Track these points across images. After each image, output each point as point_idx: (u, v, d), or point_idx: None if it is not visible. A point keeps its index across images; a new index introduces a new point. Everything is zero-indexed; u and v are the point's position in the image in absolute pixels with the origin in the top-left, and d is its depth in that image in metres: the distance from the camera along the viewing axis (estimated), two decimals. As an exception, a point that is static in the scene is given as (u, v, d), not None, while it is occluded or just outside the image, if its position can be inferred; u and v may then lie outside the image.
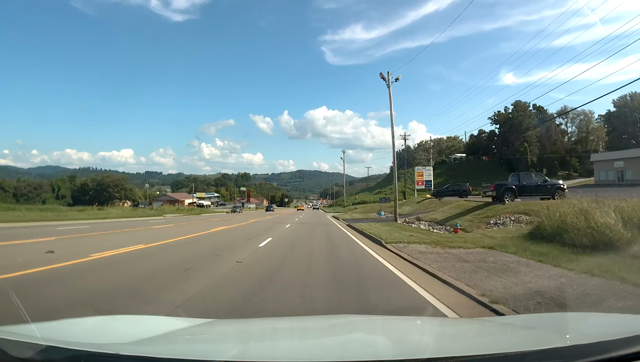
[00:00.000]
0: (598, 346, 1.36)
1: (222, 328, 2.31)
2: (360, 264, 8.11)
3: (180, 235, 14.52)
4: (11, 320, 2.19)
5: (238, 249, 10.23)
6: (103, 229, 17.49)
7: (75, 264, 7.18)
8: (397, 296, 5.24)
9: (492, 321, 2.89)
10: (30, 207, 38.66)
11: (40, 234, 13.33)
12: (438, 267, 6.91)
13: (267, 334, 2.19)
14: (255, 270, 7.08)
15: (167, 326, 2.11)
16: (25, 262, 6.98)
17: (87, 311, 3.90)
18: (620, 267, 5.83)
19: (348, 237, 14.93)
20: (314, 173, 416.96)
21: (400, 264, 7.80)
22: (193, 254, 9.21)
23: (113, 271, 6.75)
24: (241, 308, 4.41)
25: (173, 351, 1.63)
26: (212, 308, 4.43)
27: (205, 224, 23.75)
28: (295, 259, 8.63)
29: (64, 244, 11.01)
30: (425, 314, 4.07)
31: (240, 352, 1.64)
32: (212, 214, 55.07)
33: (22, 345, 1.33)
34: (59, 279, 5.91)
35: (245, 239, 13.16)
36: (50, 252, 8.66)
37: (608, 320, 2.18)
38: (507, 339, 1.88)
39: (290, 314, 4.06)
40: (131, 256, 8.72)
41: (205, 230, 17.71)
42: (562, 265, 6.45)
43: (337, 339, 2.08)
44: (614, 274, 5.47)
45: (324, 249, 10.85)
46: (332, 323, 2.55)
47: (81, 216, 30.24)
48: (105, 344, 1.53)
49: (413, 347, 1.85)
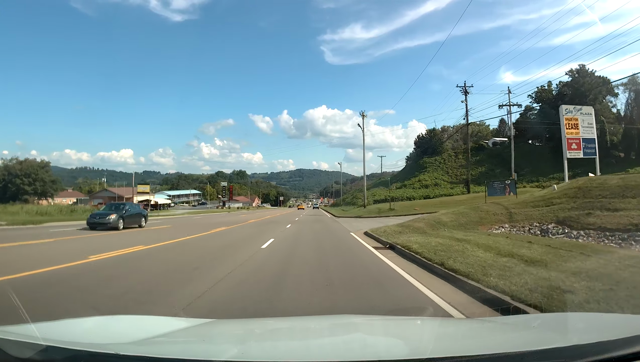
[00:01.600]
0: (598, 346, 1.36)
1: (222, 328, 2.30)
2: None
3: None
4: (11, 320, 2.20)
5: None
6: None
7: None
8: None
9: (492, 321, 2.89)
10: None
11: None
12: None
13: (267, 334, 2.19)
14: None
15: (167, 326, 2.11)
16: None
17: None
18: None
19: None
20: (314, 172, 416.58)
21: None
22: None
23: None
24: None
25: (173, 351, 1.63)
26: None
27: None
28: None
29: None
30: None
31: (240, 352, 1.64)
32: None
33: (22, 345, 1.33)
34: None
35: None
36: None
37: (608, 320, 2.18)
38: (507, 339, 1.88)
39: None
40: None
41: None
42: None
43: (337, 339, 2.08)
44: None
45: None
46: (332, 323, 2.55)
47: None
48: (105, 344, 1.53)
49: (413, 347, 1.85)
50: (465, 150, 51.18)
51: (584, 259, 6.33)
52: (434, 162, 58.50)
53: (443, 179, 53.40)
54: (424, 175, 56.92)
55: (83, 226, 18.62)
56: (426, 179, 55.79)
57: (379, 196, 52.35)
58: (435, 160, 58.53)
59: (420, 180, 55.72)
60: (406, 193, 52.51)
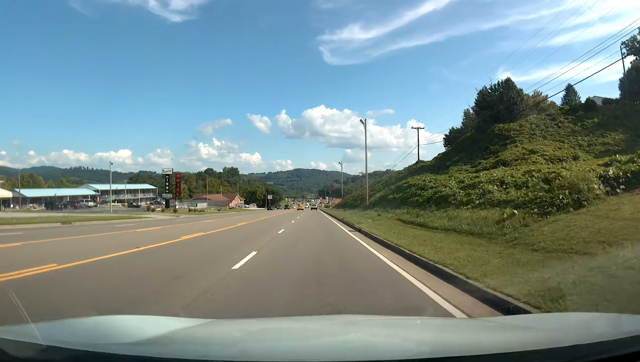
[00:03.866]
0: (598, 346, 1.37)
1: (222, 328, 2.30)
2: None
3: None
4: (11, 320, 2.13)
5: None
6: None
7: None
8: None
9: (492, 321, 2.89)
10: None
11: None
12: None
13: (267, 334, 2.19)
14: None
15: (167, 326, 2.11)
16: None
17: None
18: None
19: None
20: (312, 172, 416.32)
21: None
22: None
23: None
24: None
25: (173, 351, 1.63)
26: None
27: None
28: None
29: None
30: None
31: (240, 352, 1.64)
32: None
33: (22, 345, 1.33)
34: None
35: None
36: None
37: (608, 320, 2.18)
38: (507, 339, 1.88)
39: None
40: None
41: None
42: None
43: (337, 339, 2.07)
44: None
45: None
46: (332, 323, 2.54)
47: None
48: (105, 344, 1.53)
49: (413, 347, 1.85)
50: (573, 108, 32.87)
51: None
52: (523, 129, 31.88)
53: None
54: (509, 150, 28.93)
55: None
56: (515, 156, 27.03)
57: (384, 194, 35.22)
58: (523, 127, 32.17)
59: (504, 158, 27.41)
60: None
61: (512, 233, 9.64)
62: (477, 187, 17.57)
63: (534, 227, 9.39)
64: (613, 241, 6.54)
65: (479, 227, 11.58)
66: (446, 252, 8.21)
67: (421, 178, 30.78)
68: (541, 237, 8.34)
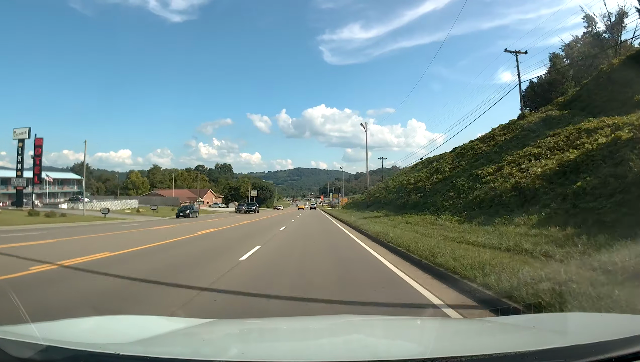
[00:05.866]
0: (598, 346, 1.36)
1: (222, 328, 2.30)
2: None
3: None
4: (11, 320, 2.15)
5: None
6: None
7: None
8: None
9: (492, 321, 2.89)
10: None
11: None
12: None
13: (267, 334, 2.19)
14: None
15: (167, 326, 2.11)
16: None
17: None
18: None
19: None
20: (312, 171, 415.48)
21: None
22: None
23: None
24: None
25: (173, 351, 1.63)
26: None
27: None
28: None
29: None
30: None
31: (240, 352, 1.64)
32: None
33: (22, 345, 1.33)
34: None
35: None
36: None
37: (608, 320, 2.18)
38: (507, 339, 1.88)
39: None
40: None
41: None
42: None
43: (337, 339, 2.07)
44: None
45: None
46: (332, 323, 2.54)
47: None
48: (105, 344, 1.53)
49: (413, 348, 1.85)
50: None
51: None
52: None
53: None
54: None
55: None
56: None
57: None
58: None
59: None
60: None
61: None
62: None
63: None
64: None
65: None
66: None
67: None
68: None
